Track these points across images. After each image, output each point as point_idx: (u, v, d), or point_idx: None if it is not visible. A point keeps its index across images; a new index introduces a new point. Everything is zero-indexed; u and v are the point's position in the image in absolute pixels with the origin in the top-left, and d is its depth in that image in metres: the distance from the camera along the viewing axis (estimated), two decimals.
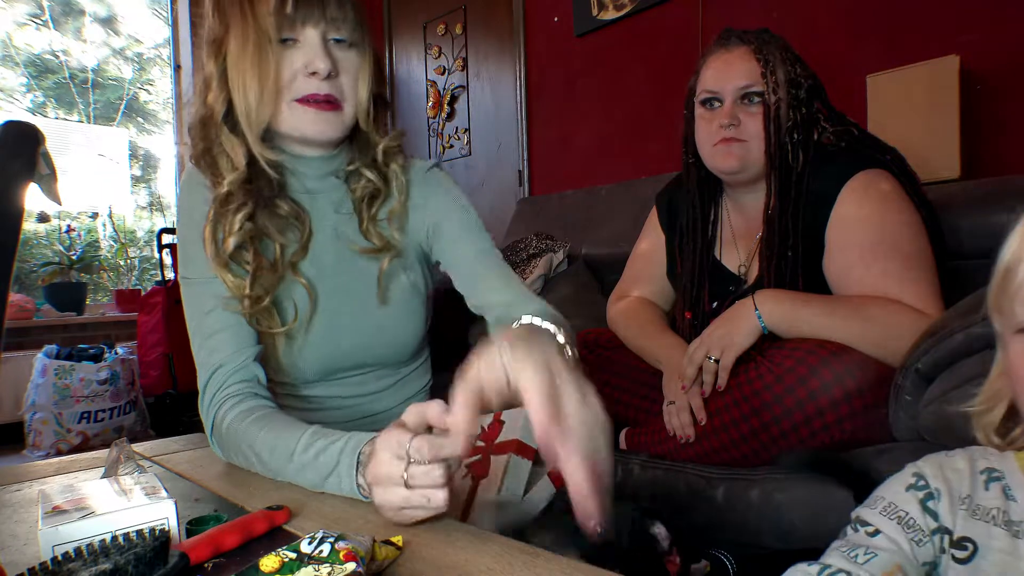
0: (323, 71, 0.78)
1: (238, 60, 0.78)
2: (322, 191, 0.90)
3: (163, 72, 4.27)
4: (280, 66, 0.79)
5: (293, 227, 0.86)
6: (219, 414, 0.77)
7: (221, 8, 0.79)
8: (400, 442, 0.53)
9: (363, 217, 0.89)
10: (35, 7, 3.65)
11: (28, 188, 0.78)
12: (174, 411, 3.13)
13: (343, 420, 0.92)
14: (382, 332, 0.91)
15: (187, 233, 0.84)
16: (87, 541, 0.47)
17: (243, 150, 0.81)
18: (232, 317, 0.81)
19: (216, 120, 0.81)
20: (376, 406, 0.95)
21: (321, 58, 0.78)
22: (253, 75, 0.77)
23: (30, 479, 0.80)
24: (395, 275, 0.91)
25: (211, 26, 0.81)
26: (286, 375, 0.89)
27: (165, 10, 4.20)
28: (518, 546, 0.53)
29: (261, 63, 0.77)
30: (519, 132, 3.00)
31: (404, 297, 0.92)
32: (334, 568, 0.43)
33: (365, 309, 0.90)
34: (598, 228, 2.24)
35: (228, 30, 0.79)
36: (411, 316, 0.93)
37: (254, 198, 0.82)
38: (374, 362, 0.93)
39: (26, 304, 3.30)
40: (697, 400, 1.06)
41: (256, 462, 0.73)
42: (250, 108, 0.78)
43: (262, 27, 0.77)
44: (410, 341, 0.94)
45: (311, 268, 0.87)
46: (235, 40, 0.78)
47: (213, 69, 0.80)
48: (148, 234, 4.12)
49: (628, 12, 2.51)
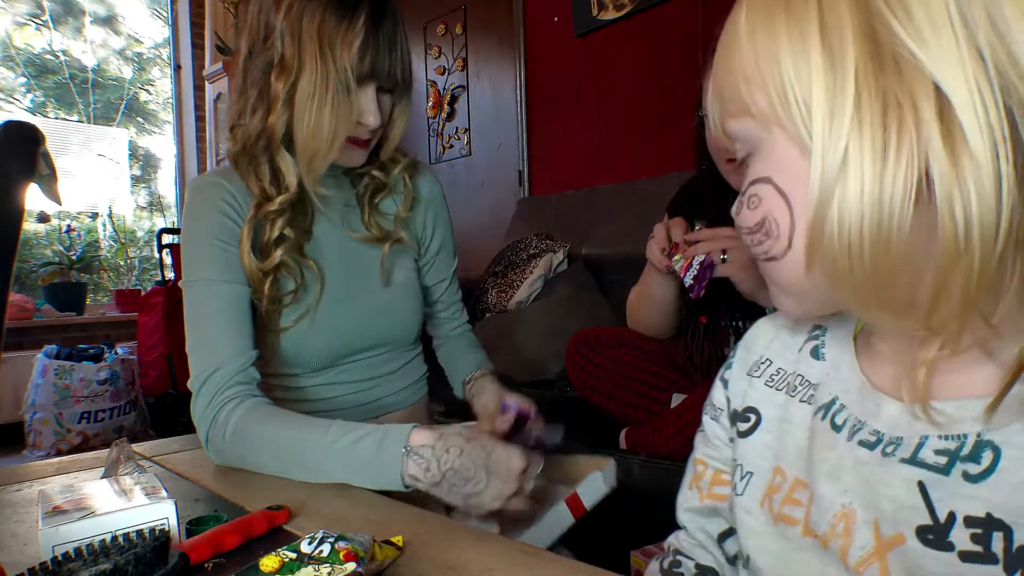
0: (374, 125, 0.84)
1: (312, 100, 0.80)
2: (331, 188, 0.93)
3: (163, 72, 4.27)
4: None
5: (299, 215, 0.90)
6: (219, 416, 0.77)
7: (295, 35, 0.80)
8: (523, 453, 0.67)
9: (365, 209, 0.94)
10: (35, 7, 3.65)
11: (28, 188, 0.78)
12: (174, 411, 3.13)
13: (344, 408, 0.93)
14: (387, 312, 0.95)
15: (196, 236, 0.85)
16: (87, 541, 0.47)
17: (295, 173, 0.85)
18: (235, 321, 0.81)
19: (276, 140, 0.83)
20: (378, 392, 0.96)
21: (374, 113, 0.83)
22: (329, 122, 0.80)
23: (30, 479, 0.80)
24: (396, 260, 0.96)
25: (279, 47, 0.81)
26: (291, 366, 0.90)
27: (165, 10, 4.20)
28: (518, 546, 0.53)
29: (339, 113, 0.80)
30: (519, 132, 3.00)
31: (406, 279, 0.98)
32: (334, 568, 0.43)
33: (369, 291, 0.94)
34: (598, 228, 2.25)
35: (302, 61, 0.80)
36: (413, 297, 0.99)
37: (294, 209, 0.87)
38: (379, 343, 0.95)
39: (26, 304, 3.30)
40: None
41: (270, 460, 0.74)
42: (318, 150, 0.82)
43: (341, 77, 0.79)
44: (413, 322, 0.99)
45: (317, 255, 0.90)
46: (310, 77, 0.79)
47: (280, 92, 0.81)
48: (148, 234, 4.13)
49: (628, 12, 2.51)
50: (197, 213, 0.86)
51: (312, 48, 0.79)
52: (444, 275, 1.06)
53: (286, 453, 0.72)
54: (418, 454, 0.65)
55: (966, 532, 0.32)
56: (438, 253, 1.04)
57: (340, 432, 0.70)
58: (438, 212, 1.03)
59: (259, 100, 0.83)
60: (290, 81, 0.81)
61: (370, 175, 0.94)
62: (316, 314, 0.88)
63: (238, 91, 0.86)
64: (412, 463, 0.65)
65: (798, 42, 0.33)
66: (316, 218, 0.91)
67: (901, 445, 0.35)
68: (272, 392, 0.90)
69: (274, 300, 0.85)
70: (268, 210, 0.84)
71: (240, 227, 0.84)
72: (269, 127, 0.82)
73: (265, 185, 0.85)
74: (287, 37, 0.80)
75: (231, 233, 0.84)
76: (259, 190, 0.85)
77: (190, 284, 0.83)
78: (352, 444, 0.69)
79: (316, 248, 0.91)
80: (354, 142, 0.86)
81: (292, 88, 0.81)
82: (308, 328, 0.88)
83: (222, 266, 0.82)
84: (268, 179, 0.85)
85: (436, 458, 0.64)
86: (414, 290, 0.99)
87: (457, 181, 3.22)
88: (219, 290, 0.82)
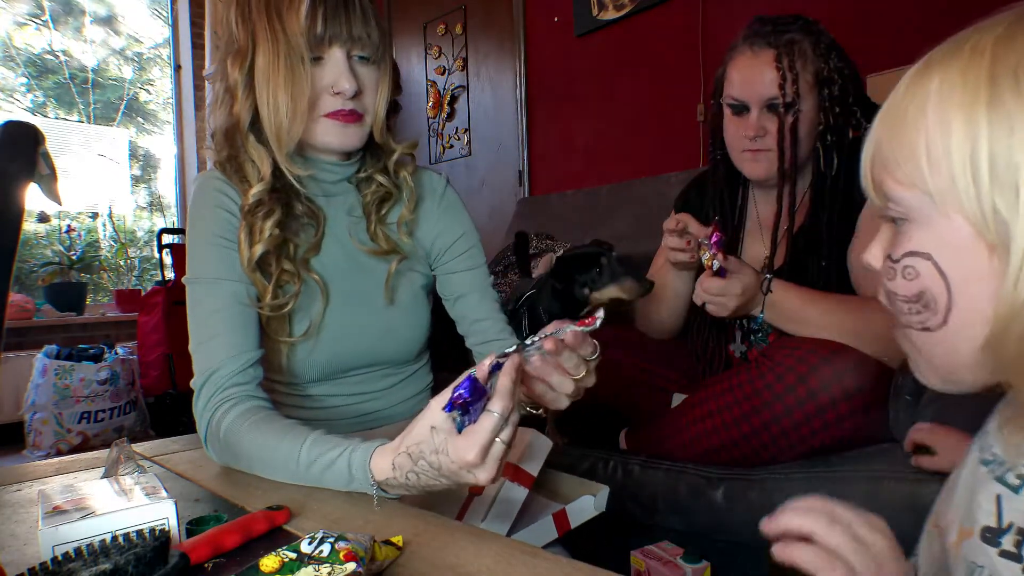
0: (349, 91, 0.80)
1: (268, 76, 0.78)
2: (336, 195, 0.92)
3: (163, 72, 4.27)
4: (310, 84, 0.80)
5: (308, 227, 0.88)
6: (215, 417, 0.77)
7: (246, 17, 0.80)
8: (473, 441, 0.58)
9: (372, 220, 0.91)
10: (35, 7, 3.65)
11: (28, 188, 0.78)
12: (174, 411, 3.13)
13: (341, 418, 0.93)
14: (389, 332, 0.93)
15: (198, 234, 0.84)
16: (87, 541, 0.47)
17: (269, 160, 0.83)
18: (236, 320, 0.81)
19: (242, 129, 0.82)
20: (376, 404, 0.95)
21: (347, 78, 0.80)
22: (286, 94, 0.78)
23: (30, 479, 0.80)
24: (402, 277, 0.94)
25: (235, 35, 0.80)
26: (290, 375, 0.89)
27: (165, 10, 4.20)
28: (518, 546, 0.53)
29: (295, 82, 0.78)
30: (519, 132, 3.00)
31: (410, 298, 0.95)
32: (334, 568, 0.43)
33: (373, 309, 0.91)
34: (598, 228, 2.24)
35: (256, 42, 0.79)
36: (417, 316, 0.96)
37: (281, 204, 0.84)
38: (379, 361, 0.94)
39: (26, 304, 3.30)
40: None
41: (254, 467, 0.74)
42: (281, 125, 0.79)
43: (293, 45, 0.77)
44: (415, 341, 0.96)
45: (322, 268, 0.89)
46: (264, 55, 0.78)
47: (238, 78, 0.80)
48: (148, 234, 4.13)
49: (628, 12, 2.51)
50: (200, 210, 0.85)
51: (262, 24, 0.78)
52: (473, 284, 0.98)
53: (262, 466, 0.73)
54: (386, 484, 0.63)
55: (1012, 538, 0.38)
56: (459, 256, 0.97)
57: (312, 456, 0.67)
58: (447, 209, 0.98)
59: (225, 94, 0.82)
60: (246, 65, 0.80)
61: (376, 182, 0.91)
62: (319, 330, 0.87)
63: (213, 98, 0.86)
64: (384, 488, 0.63)
65: (1003, 140, 0.33)
66: (326, 230, 0.89)
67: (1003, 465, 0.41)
68: (273, 393, 0.89)
69: (275, 308, 0.84)
70: (248, 204, 0.82)
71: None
72: (235, 116, 0.82)
73: (252, 182, 0.83)
74: (239, 22, 0.80)
75: (232, 229, 0.83)
76: (246, 191, 0.84)
77: (192, 281, 0.83)
78: (322, 472, 0.67)
79: (321, 261, 0.89)
80: (337, 116, 0.82)
81: (250, 71, 0.80)
82: (308, 343, 0.87)
83: (223, 264, 0.82)
84: (253, 175, 0.83)
85: (401, 484, 0.62)
86: (418, 308, 0.96)
87: (457, 181, 3.21)
88: (220, 288, 0.81)
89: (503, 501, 0.78)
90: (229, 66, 0.80)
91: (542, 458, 0.81)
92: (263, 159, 0.83)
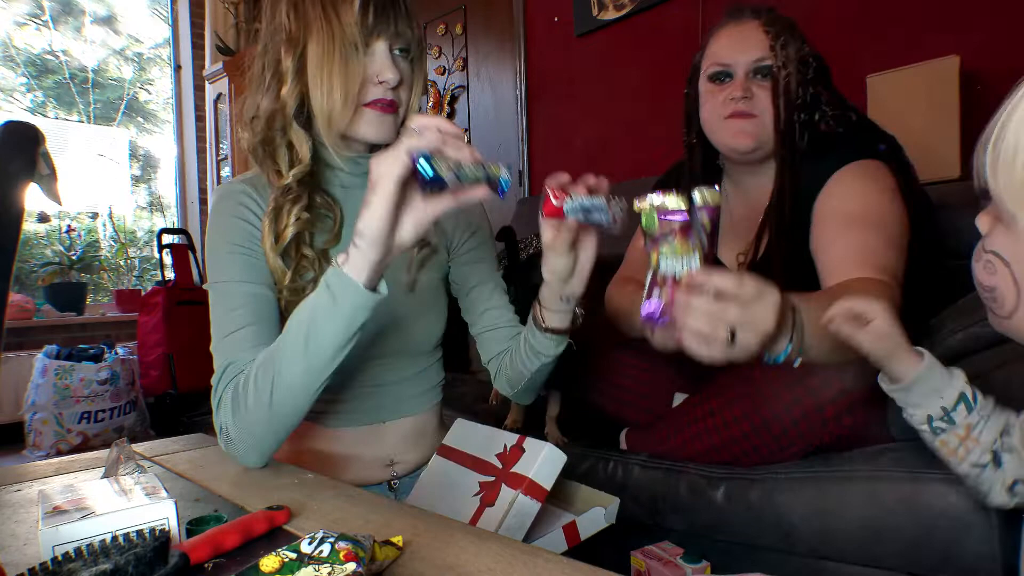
0: (392, 81, 0.84)
1: (322, 63, 0.82)
2: (355, 187, 0.93)
3: (163, 72, 4.27)
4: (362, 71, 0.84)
5: (325, 218, 0.90)
6: (229, 387, 0.78)
7: (298, 7, 0.83)
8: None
9: None
10: (35, 7, 3.65)
11: (28, 188, 0.78)
12: (174, 411, 3.13)
13: (356, 411, 0.93)
14: (409, 321, 0.94)
15: (218, 242, 0.86)
16: (87, 541, 0.47)
17: (308, 144, 0.87)
18: (255, 316, 0.82)
19: (287, 114, 0.85)
20: (391, 397, 0.96)
21: (391, 69, 0.84)
22: (340, 81, 0.82)
23: (30, 479, 0.80)
24: (424, 266, 0.96)
25: (286, 23, 0.84)
26: None
27: (165, 10, 4.21)
28: (518, 546, 0.53)
29: (348, 69, 0.82)
30: (519, 132, 3.00)
31: (431, 287, 0.98)
32: (334, 568, 0.43)
33: (393, 297, 0.91)
34: None
35: (309, 30, 0.82)
36: (437, 306, 0.99)
37: (308, 191, 0.88)
38: (398, 350, 0.95)
39: (26, 304, 3.30)
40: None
41: (269, 379, 0.74)
42: (333, 111, 0.83)
43: (348, 35, 0.81)
44: (434, 331, 0.99)
45: None
46: (317, 43, 0.82)
47: (289, 65, 0.83)
48: (148, 234, 4.13)
49: (628, 12, 2.51)
50: (217, 220, 0.88)
51: (315, 13, 0.82)
52: (488, 275, 1.02)
53: (276, 374, 0.73)
54: (350, 265, 0.70)
55: None
56: (476, 248, 1.01)
57: (300, 316, 0.73)
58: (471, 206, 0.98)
59: (272, 80, 0.86)
60: (298, 52, 0.83)
61: None
62: None
63: (255, 85, 0.88)
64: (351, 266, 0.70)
65: None
66: (344, 221, 0.91)
67: None
68: None
69: (294, 291, 0.86)
70: (283, 184, 0.85)
71: (260, 229, 0.86)
72: (282, 102, 0.85)
73: (282, 168, 0.87)
74: (291, 12, 0.83)
75: (250, 237, 0.85)
76: (276, 174, 0.87)
77: (212, 286, 0.85)
78: (313, 317, 0.71)
79: (340, 251, 0.89)
80: (376, 105, 0.86)
81: (301, 58, 0.83)
82: None
83: (241, 268, 0.84)
84: (284, 160, 0.87)
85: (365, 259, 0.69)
86: (438, 298, 0.99)
87: None
88: (240, 289, 0.83)
89: (516, 514, 0.78)
90: (283, 53, 0.84)
91: (556, 472, 0.81)
92: (304, 144, 0.86)
